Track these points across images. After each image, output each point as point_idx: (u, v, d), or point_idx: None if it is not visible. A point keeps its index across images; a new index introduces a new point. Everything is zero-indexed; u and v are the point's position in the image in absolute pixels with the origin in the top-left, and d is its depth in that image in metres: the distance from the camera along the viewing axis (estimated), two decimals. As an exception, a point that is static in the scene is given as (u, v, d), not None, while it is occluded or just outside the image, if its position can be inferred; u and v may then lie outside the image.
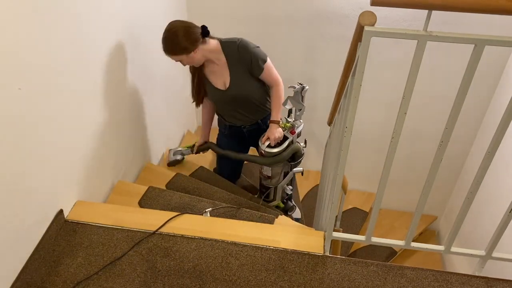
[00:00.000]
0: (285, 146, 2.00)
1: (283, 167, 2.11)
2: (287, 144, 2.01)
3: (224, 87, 2.00)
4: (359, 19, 1.03)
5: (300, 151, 2.05)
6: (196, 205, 1.80)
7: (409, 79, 1.09)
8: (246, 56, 1.90)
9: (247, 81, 1.98)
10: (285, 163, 2.09)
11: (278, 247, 1.50)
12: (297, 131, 2.06)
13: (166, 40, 1.81)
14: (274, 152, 1.99)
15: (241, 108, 2.11)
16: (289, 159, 2.08)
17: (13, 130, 1.22)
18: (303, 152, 2.09)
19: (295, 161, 2.10)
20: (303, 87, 1.96)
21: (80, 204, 1.64)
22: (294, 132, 2.04)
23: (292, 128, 2.05)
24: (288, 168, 2.15)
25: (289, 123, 2.06)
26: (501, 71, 2.66)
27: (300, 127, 2.07)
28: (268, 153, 2.00)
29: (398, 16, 2.59)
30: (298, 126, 2.06)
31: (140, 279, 1.40)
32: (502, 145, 1.16)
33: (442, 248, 1.45)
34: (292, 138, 2.03)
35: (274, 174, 2.12)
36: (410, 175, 3.30)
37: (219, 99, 2.09)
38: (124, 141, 2.01)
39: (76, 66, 1.50)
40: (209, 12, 2.78)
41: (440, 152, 1.22)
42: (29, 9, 1.21)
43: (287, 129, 2.04)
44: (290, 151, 2.01)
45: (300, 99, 1.98)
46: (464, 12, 1.00)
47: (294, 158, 2.08)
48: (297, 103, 1.99)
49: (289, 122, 2.06)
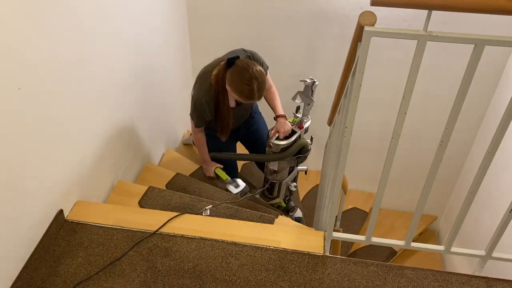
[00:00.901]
0: (293, 140, 2.03)
1: (289, 162, 2.13)
2: (294, 138, 2.03)
3: (235, 103, 1.99)
4: (359, 19, 1.03)
5: (307, 146, 2.08)
6: (196, 205, 1.80)
7: (409, 79, 1.09)
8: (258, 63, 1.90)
9: None
10: (291, 158, 2.10)
11: (278, 247, 1.50)
12: (305, 126, 2.09)
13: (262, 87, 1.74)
14: (282, 144, 2.02)
15: (246, 110, 2.14)
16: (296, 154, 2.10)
17: (13, 130, 1.22)
18: (310, 148, 2.11)
19: (302, 155, 2.12)
20: (314, 82, 1.98)
21: (80, 204, 1.64)
22: (302, 127, 2.07)
23: (300, 123, 2.08)
24: (294, 163, 2.16)
25: (298, 118, 2.08)
26: (501, 71, 2.66)
27: (308, 123, 2.11)
28: (276, 146, 2.02)
29: (398, 16, 2.59)
30: (306, 121, 2.09)
31: (140, 279, 1.40)
32: (502, 145, 1.16)
33: (442, 248, 1.45)
34: (300, 133, 2.06)
35: (280, 169, 2.14)
36: (410, 175, 3.30)
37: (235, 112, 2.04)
38: (124, 141, 2.01)
39: (76, 66, 1.50)
40: (209, 12, 2.78)
41: (440, 152, 1.22)
42: (29, 9, 1.21)
43: (295, 124, 2.08)
44: (298, 146, 2.04)
45: (310, 93, 2.01)
46: (464, 12, 1.00)
47: (301, 152, 2.10)
48: (306, 97, 2.02)
49: (297, 117, 2.09)
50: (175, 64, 2.69)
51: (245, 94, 1.74)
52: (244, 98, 1.76)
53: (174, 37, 2.62)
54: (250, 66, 1.72)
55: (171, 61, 2.61)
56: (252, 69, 1.71)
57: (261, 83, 1.73)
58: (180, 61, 2.80)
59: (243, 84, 1.71)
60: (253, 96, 1.74)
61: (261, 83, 1.73)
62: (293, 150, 2.03)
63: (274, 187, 2.22)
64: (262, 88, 1.75)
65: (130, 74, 1.98)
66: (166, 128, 2.64)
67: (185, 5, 2.76)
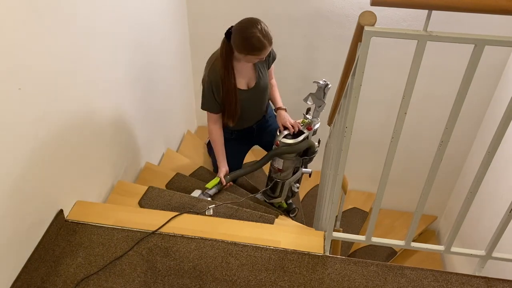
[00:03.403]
0: (301, 139, 2.03)
1: (294, 162, 2.13)
2: (302, 138, 2.04)
3: (247, 86, 2.01)
4: (359, 19, 1.03)
5: (314, 147, 2.09)
6: (196, 205, 1.80)
7: (409, 79, 1.09)
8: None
9: (265, 72, 2.05)
10: (297, 158, 2.11)
11: (278, 247, 1.50)
12: (314, 128, 2.10)
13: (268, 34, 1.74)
14: (289, 143, 2.02)
15: (259, 101, 2.13)
16: (302, 154, 2.10)
17: (13, 130, 1.22)
18: (316, 150, 2.11)
19: (308, 156, 2.12)
20: (327, 84, 1.99)
21: (80, 204, 1.64)
22: (311, 128, 2.08)
23: (309, 125, 2.08)
24: (300, 163, 2.16)
25: (307, 119, 2.09)
26: (501, 71, 2.66)
27: (317, 125, 2.12)
28: (283, 144, 2.02)
29: (398, 16, 2.59)
30: (315, 123, 2.10)
31: (140, 279, 1.40)
32: (502, 145, 1.16)
33: (442, 248, 1.45)
34: (308, 134, 2.07)
35: (285, 168, 2.14)
36: (410, 175, 3.30)
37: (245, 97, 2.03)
38: (124, 141, 2.01)
39: (76, 67, 1.50)
40: (209, 12, 2.78)
41: (440, 152, 1.22)
42: (29, 9, 1.21)
43: (305, 125, 2.08)
44: (305, 144, 2.04)
45: (322, 96, 2.01)
46: (464, 12, 1.00)
47: (307, 153, 2.10)
48: (318, 99, 2.02)
49: (307, 118, 2.09)
50: (175, 64, 2.69)
51: (254, 45, 1.72)
52: (256, 50, 1.74)
53: (174, 37, 2.62)
54: (246, 24, 1.72)
55: (171, 61, 2.61)
56: (249, 24, 1.72)
57: (264, 31, 1.71)
58: (180, 61, 2.80)
59: (247, 38, 1.71)
60: (262, 43, 1.71)
61: (264, 31, 1.71)
62: (300, 147, 2.03)
63: (277, 186, 2.22)
64: (268, 36, 1.73)
65: (130, 74, 1.98)
66: (166, 128, 2.64)
67: (185, 5, 2.76)
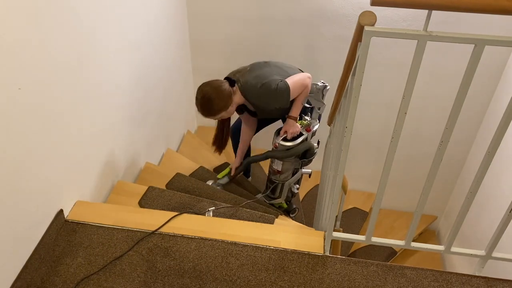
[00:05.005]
0: (299, 141, 2.03)
1: (293, 164, 2.13)
2: (301, 140, 2.04)
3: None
4: (359, 19, 1.03)
5: (313, 149, 2.09)
6: (196, 205, 1.80)
7: (409, 79, 1.09)
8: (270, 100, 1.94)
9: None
10: (296, 160, 2.11)
11: (278, 247, 1.50)
12: (312, 130, 2.10)
13: (203, 107, 1.85)
14: (288, 145, 2.03)
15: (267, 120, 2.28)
16: (301, 156, 2.10)
17: (13, 130, 1.22)
18: (315, 152, 2.11)
19: (307, 158, 2.12)
20: (325, 86, 1.99)
21: (80, 204, 1.64)
22: (309, 130, 2.08)
23: (308, 126, 2.08)
24: (299, 165, 2.17)
25: (306, 121, 2.09)
26: (501, 71, 2.66)
27: (316, 126, 2.12)
28: (282, 146, 2.02)
29: (398, 16, 2.59)
30: (314, 124, 2.10)
31: (140, 279, 1.40)
32: (502, 145, 1.16)
33: (442, 248, 1.45)
34: (307, 136, 2.07)
35: (284, 170, 2.14)
36: (410, 175, 3.30)
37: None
38: (124, 141, 2.01)
39: (76, 67, 1.50)
40: (209, 12, 2.78)
41: (440, 152, 1.22)
42: (29, 9, 1.21)
43: (303, 127, 2.09)
44: (304, 147, 2.04)
45: (321, 97, 2.01)
46: (464, 12, 1.00)
47: (305, 155, 2.11)
48: (317, 101, 2.02)
49: (306, 120, 2.09)
50: (175, 64, 2.69)
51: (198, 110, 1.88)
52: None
53: (174, 37, 2.61)
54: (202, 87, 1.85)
55: (171, 60, 2.61)
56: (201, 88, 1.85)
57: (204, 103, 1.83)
58: (180, 61, 2.80)
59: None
60: (198, 109, 1.87)
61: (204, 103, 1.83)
62: (299, 149, 2.03)
63: (277, 187, 2.23)
64: (205, 108, 1.84)
65: (130, 74, 1.98)
66: (166, 128, 2.64)
67: (185, 5, 2.76)
